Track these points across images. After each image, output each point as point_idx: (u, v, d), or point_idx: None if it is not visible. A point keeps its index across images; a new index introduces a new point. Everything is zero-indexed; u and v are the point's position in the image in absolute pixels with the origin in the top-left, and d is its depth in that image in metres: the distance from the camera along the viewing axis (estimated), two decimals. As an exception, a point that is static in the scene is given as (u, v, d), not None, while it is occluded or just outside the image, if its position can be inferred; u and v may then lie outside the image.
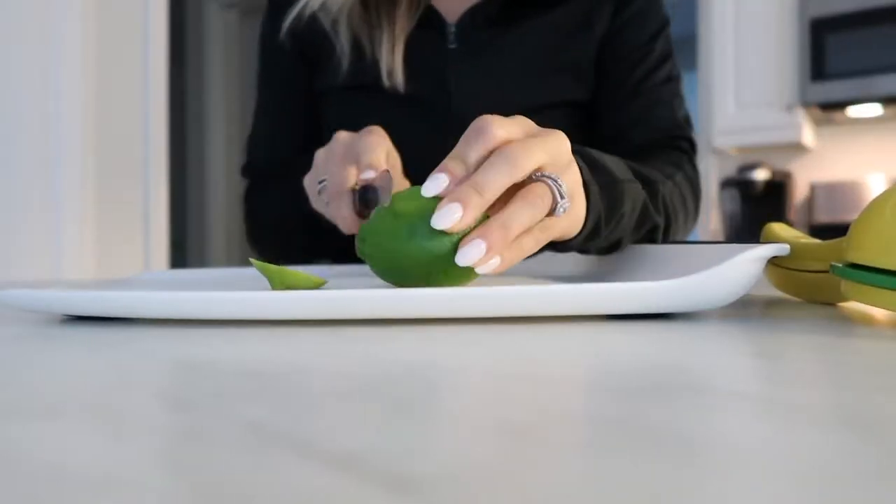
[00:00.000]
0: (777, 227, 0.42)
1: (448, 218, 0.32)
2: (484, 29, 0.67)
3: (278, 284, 0.35)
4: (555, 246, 0.42)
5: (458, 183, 0.33)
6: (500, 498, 0.10)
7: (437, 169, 0.34)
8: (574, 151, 0.39)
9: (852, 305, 0.36)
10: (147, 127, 1.90)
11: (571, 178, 0.37)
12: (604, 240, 0.44)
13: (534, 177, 0.35)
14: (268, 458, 0.11)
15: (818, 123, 2.51)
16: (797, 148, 2.50)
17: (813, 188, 2.48)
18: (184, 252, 3.37)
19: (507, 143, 0.34)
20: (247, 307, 0.28)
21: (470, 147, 0.34)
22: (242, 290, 0.28)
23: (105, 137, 1.80)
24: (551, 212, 0.35)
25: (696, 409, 0.14)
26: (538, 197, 0.34)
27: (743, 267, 0.29)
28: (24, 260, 1.65)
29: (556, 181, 0.35)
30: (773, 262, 0.39)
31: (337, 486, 0.10)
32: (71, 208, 1.71)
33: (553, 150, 0.35)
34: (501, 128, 0.34)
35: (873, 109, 2.29)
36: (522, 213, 0.33)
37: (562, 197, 0.35)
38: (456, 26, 0.68)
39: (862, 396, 0.16)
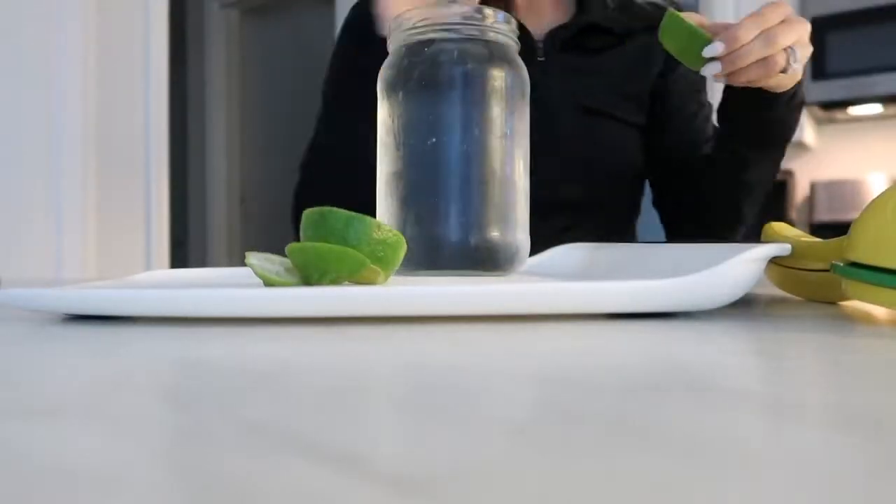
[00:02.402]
0: (777, 227, 0.42)
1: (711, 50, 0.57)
2: (562, 51, 0.78)
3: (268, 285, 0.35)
4: (762, 97, 0.65)
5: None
6: (500, 498, 0.10)
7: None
8: None
9: (853, 304, 0.36)
10: (148, 126, 1.90)
11: (804, 53, 0.60)
12: (787, 108, 0.68)
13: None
14: (268, 458, 0.11)
15: (819, 122, 2.51)
16: (798, 147, 2.50)
17: (813, 187, 2.48)
18: (185, 252, 3.38)
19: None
20: (248, 304, 0.28)
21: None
22: (243, 288, 0.28)
23: (106, 137, 1.80)
24: (783, 70, 0.58)
25: (696, 408, 0.14)
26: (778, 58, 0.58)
27: (744, 266, 0.29)
28: (25, 260, 1.65)
29: (794, 52, 0.58)
30: (774, 261, 0.39)
31: (337, 486, 0.10)
32: (72, 208, 1.71)
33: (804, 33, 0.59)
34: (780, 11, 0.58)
35: (874, 108, 2.29)
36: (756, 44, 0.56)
37: (795, 61, 0.58)
38: (543, 42, 0.78)
39: (863, 396, 0.16)
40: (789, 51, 0.57)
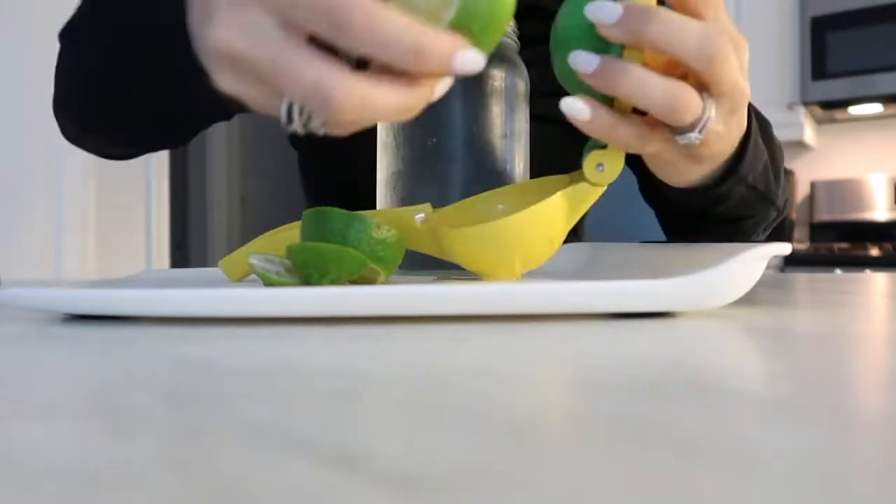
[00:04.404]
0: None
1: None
2: None
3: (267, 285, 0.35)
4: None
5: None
6: (500, 498, 0.10)
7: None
8: None
9: (853, 306, 0.36)
10: (148, 126, 1.89)
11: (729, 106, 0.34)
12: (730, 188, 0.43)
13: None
14: (268, 458, 0.11)
15: (819, 122, 2.51)
16: (799, 146, 2.50)
17: (813, 186, 2.48)
18: (185, 252, 3.38)
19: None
20: (248, 304, 0.28)
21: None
22: (243, 288, 0.28)
23: (106, 137, 1.80)
24: (680, 130, 0.33)
25: (696, 408, 0.14)
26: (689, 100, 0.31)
27: (744, 266, 0.29)
28: (25, 260, 1.65)
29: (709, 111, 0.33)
30: None
31: (337, 486, 0.10)
32: (72, 208, 1.71)
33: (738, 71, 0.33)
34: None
35: (874, 108, 2.29)
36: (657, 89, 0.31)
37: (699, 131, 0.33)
38: None
39: (863, 396, 0.16)
40: (705, 99, 0.32)
